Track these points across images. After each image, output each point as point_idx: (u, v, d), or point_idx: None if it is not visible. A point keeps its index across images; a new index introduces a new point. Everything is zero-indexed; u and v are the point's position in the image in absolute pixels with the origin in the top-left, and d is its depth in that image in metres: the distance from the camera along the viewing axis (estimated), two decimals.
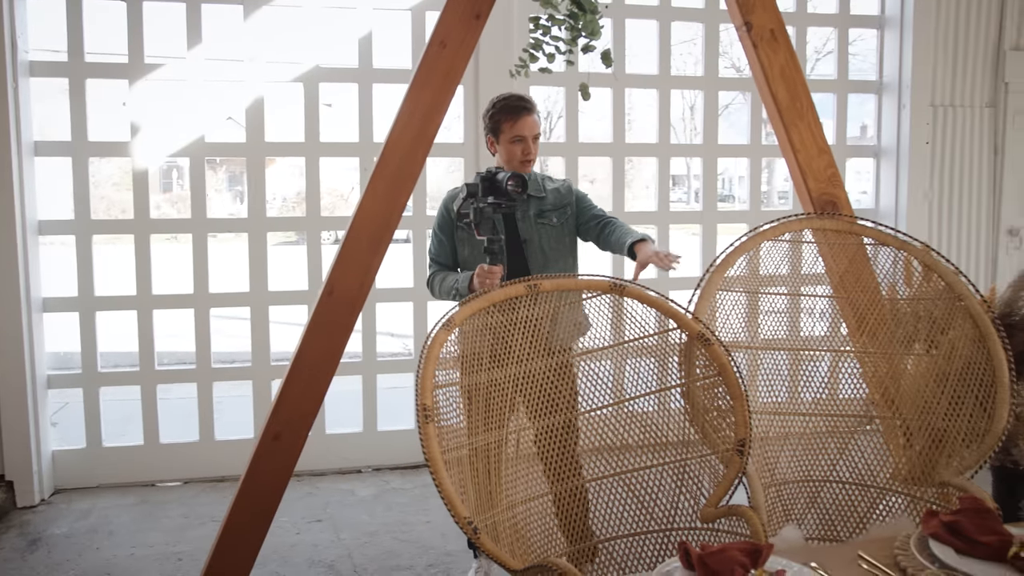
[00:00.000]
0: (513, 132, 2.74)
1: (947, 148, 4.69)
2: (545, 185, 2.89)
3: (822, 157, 2.66)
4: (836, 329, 2.49)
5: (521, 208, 2.80)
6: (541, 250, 2.81)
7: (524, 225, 2.81)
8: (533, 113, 2.78)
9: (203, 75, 3.97)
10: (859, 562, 1.50)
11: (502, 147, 2.78)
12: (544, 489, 2.06)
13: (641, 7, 4.41)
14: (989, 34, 4.70)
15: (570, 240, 2.89)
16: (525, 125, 2.75)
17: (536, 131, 2.78)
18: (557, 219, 2.84)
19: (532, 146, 2.76)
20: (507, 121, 2.74)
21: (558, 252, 2.83)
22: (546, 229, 2.82)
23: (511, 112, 2.74)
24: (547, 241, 2.82)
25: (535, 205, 2.83)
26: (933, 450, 2.20)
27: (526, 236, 2.81)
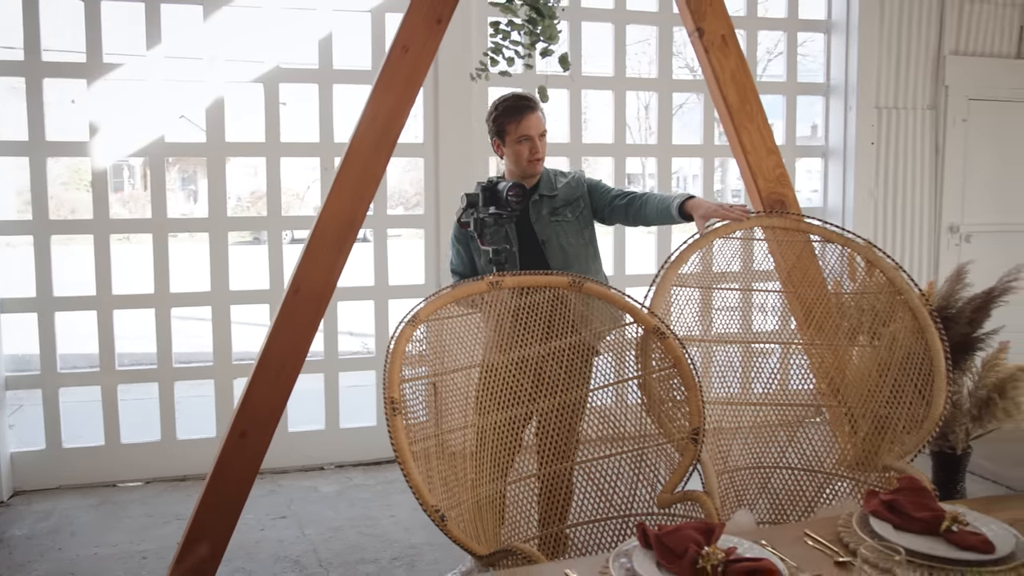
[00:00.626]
0: (519, 132, 2.69)
1: (891, 148, 4.86)
2: (557, 182, 2.82)
3: (771, 158, 2.77)
4: (785, 323, 2.60)
5: (535, 209, 2.76)
6: (560, 248, 2.76)
7: (539, 226, 2.76)
8: (537, 110, 2.72)
9: (163, 75, 3.97)
10: (805, 539, 1.60)
11: (508, 149, 2.72)
12: (531, 471, 2.14)
13: (597, 10, 4.50)
14: (930, 39, 4.88)
15: (589, 233, 2.83)
16: (530, 124, 2.69)
17: (542, 128, 2.72)
18: (571, 214, 2.78)
19: (540, 144, 2.71)
20: (511, 122, 2.69)
21: (578, 247, 2.78)
22: (562, 226, 2.77)
23: (514, 112, 2.69)
24: (565, 238, 2.77)
25: (548, 204, 2.77)
26: (876, 436, 2.32)
27: (543, 237, 2.76)
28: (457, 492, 1.98)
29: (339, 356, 4.34)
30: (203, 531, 2.60)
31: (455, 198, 4.23)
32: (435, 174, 4.29)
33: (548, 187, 2.79)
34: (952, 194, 4.98)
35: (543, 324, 2.23)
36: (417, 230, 4.50)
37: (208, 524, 2.60)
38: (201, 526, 2.60)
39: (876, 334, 2.44)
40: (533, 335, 2.21)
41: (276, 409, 2.59)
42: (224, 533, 2.62)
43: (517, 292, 2.22)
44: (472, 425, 2.09)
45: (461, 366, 2.11)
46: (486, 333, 2.19)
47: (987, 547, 1.47)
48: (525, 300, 2.23)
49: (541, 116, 2.74)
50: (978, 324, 2.90)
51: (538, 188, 2.78)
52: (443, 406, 2.05)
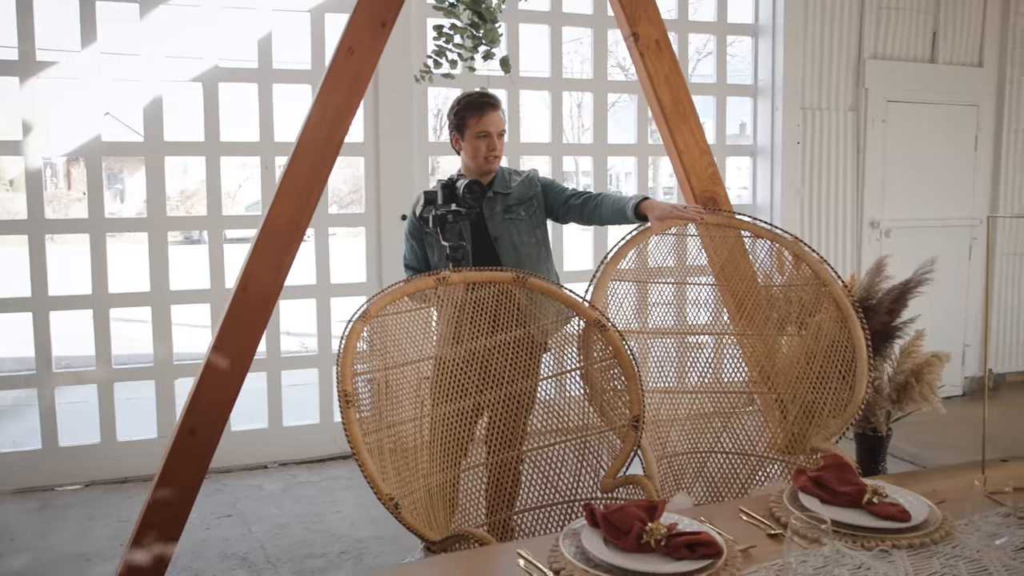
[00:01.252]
0: (479, 128, 2.73)
1: (816, 147, 5.07)
2: (511, 180, 2.87)
3: (703, 157, 2.90)
4: (718, 315, 2.73)
5: (488, 206, 2.80)
6: (512, 246, 2.81)
7: (492, 223, 2.80)
8: (499, 109, 2.77)
9: (99, 73, 3.93)
10: (740, 515, 1.71)
11: (467, 143, 2.76)
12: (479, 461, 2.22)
13: (533, 12, 4.59)
14: (850, 44, 5.11)
15: (541, 232, 2.88)
16: (491, 121, 2.74)
17: (501, 128, 2.78)
18: (525, 213, 2.83)
19: (498, 142, 2.76)
20: (473, 117, 2.73)
21: (530, 246, 2.83)
22: (515, 224, 2.81)
23: (476, 108, 2.73)
24: (517, 236, 2.81)
25: (502, 201, 2.82)
26: (804, 420, 2.46)
27: (496, 234, 2.80)
28: (409, 481, 2.05)
29: (282, 355, 4.35)
30: (152, 530, 2.62)
31: (395, 197, 4.32)
32: (375, 173, 4.33)
33: (503, 185, 2.84)
34: (873, 191, 5.21)
35: (489, 319, 2.31)
36: (351, 229, 4.54)
37: (157, 523, 2.61)
38: (150, 525, 2.61)
39: (803, 324, 2.58)
40: (480, 329, 2.29)
41: (226, 406, 2.62)
42: (174, 532, 2.64)
43: (464, 287, 2.30)
44: (424, 417, 2.15)
45: (410, 360, 2.17)
46: (435, 328, 2.26)
47: (904, 516, 1.60)
48: (472, 295, 2.31)
49: (502, 116, 2.79)
50: (896, 313, 3.08)
51: (493, 185, 2.82)
52: (394, 399, 2.11)
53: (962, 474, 1.93)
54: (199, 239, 17.13)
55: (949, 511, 1.65)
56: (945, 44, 5.34)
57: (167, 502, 2.62)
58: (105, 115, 8.10)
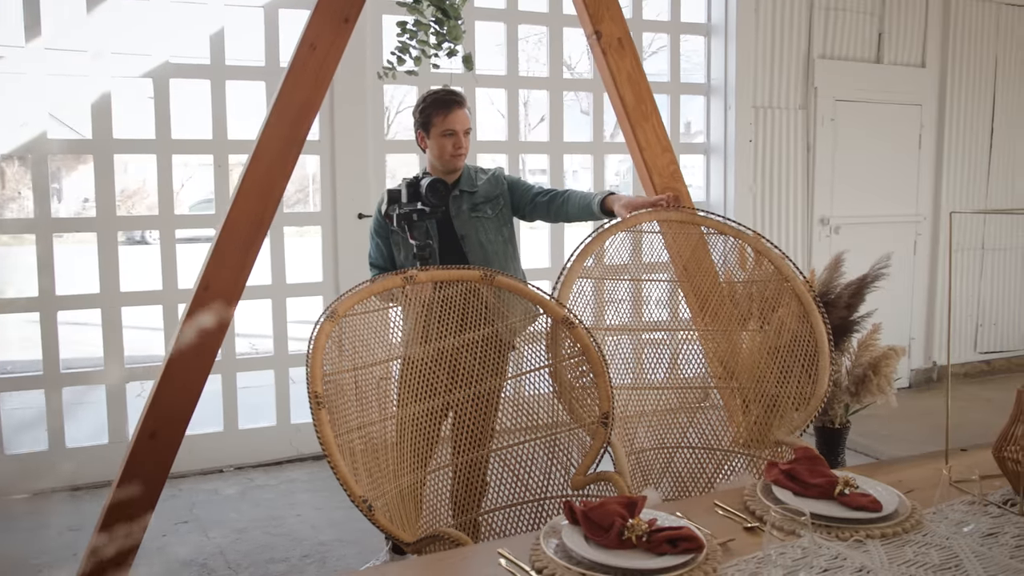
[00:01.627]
0: (444, 126, 2.71)
1: (767, 146, 5.16)
2: (478, 179, 2.86)
3: (665, 155, 2.93)
4: (682, 311, 2.76)
5: (455, 204, 2.78)
6: (479, 244, 2.80)
7: (459, 222, 2.78)
8: (464, 107, 2.76)
9: (44, 69, 3.81)
10: (715, 509, 1.72)
11: (432, 141, 2.75)
12: (445, 462, 2.20)
13: (490, 10, 4.59)
14: (800, 44, 5.20)
15: (508, 231, 2.88)
16: (456, 119, 2.72)
17: (467, 125, 2.76)
18: (491, 211, 2.82)
19: (463, 140, 2.75)
20: (438, 115, 2.71)
21: (496, 244, 2.82)
22: (481, 223, 2.80)
23: (442, 105, 2.71)
24: (484, 235, 2.80)
25: (468, 200, 2.80)
26: (767, 414, 2.50)
27: (463, 232, 2.79)
28: (381, 483, 2.03)
29: (236, 356, 4.27)
30: (112, 536, 2.55)
31: (351, 195, 4.28)
32: (331, 171, 4.28)
33: (469, 183, 2.82)
34: (822, 188, 5.32)
35: (457, 318, 2.30)
36: (298, 228, 4.48)
37: (117, 528, 2.55)
38: (110, 530, 2.55)
39: (765, 319, 2.61)
40: (448, 328, 2.27)
41: (187, 409, 2.57)
42: (134, 537, 2.58)
43: (432, 286, 2.28)
44: (392, 417, 2.13)
45: (379, 360, 2.15)
46: (403, 327, 2.23)
47: (875, 506, 1.64)
48: (440, 294, 2.29)
49: (468, 114, 2.78)
50: (854, 308, 3.14)
51: (459, 184, 2.80)
52: (363, 399, 2.09)
53: (925, 464, 1.98)
54: (142, 239, 16.75)
55: (917, 500, 1.69)
56: (890, 45, 5.47)
57: (127, 507, 2.56)
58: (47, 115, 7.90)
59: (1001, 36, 5.83)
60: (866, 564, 1.46)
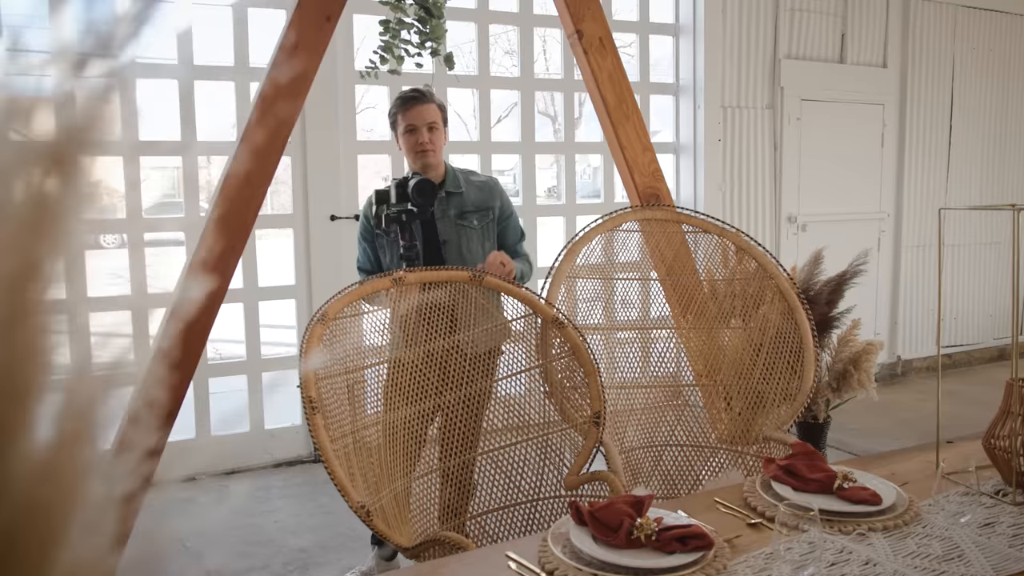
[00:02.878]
0: (405, 122, 2.68)
1: (736, 145, 5.21)
2: (465, 180, 2.81)
3: (646, 154, 2.94)
4: (666, 309, 2.77)
5: (440, 207, 2.73)
6: (459, 254, 2.74)
7: (443, 225, 2.73)
8: (426, 102, 2.70)
9: (5, 69, 3.71)
10: (717, 506, 1.73)
11: (402, 141, 2.73)
12: (433, 466, 2.18)
13: (461, 10, 4.57)
14: (766, 44, 5.26)
15: (491, 246, 2.81)
16: (417, 114, 2.67)
17: (430, 119, 2.70)
18: (478, 222, 2.77)
19: (428, 135, 2.69)
20: (401, 113, 2.69)
21: (478, 256, 2.75)
22: (466, 231, 2.75)
23: (403, 104, 2.69)
24: (466, 244, 2.75)
25: (456, 204, 2.75)
26: (753, 411, 2.52)
27: (445, 237, 2.73)
28: (377, 488, 2.01)
29: (208, 361, 4.20)
30: None
31: (323, 196, 4.23)
32: (303, 172, 4.23)
33: (454, 184, 2.77)
34: (789, 187, 5.39)
35: (446, 319, 2.28)
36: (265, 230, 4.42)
37: None
38: None
39: (748, 316, 2.64)
40: (437, 330, 2.26)
41: (169, 417, 2.51)
42: None
43: (419, 288, 2.26)
44: (383, 421, 2.11)
45: (370, 363, 2.13)
46: (390, 329, 2.21)
47: (876, 499, 1.66)
48: (428, 296, 2.27)
49: (433, 108, 2.72)
50: (835, 304, 3.19)
51: (444, 185, 2.76)
52: (356, 403, 2.07)
53: (917, 456, 2.01)
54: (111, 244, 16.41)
55: (912, 492, 1.72)
56: (853, 45, 5.56)
57: None
58: None
59: (958, 37, 5.96)
60: (872, 557, 1.48)
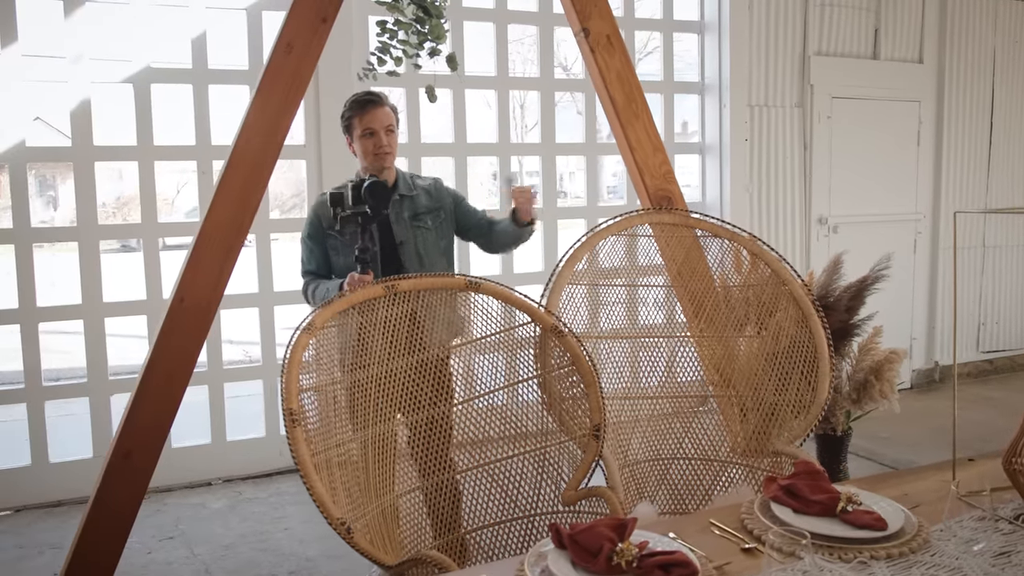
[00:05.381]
0: (362, 126, 2.66)
1: (763, 144, 5.07)
2: (414, 183, 2.82)
3: (657, 155, 2.84)
4: (675, 316, 2.67)
5: (395, 210, 2.72)
6: (416, 253, 2.74)
7: (399, 227, 2.73)
8: (382, 105, 2.69)
9: (21, 75, 3.72)
10: (711, 528, 1.63)
11: (357, 144, 2.71)
12: (414, 484, 2.10)
13: (478, 10, 4.50)
14: (795, 41, 5.11)
15: (446, 244, 2.84)
16: (374, 118, 2.65)
17: (387, 123, 2.69)
18: (432, 222, 2.78)
19: (385, 139, 2.67)
20: (356, 116, 2.67)
21: (434, 256, 2.78)
22: (421, 232, 2.76)
23: (359, 107, 2.66)
24: (422, 244, 2.76)
25: (409, 207, 2.76)
26: (766, 423, 2.40)
27: (401, 238, 2.73)
28: (361, 502, 1.94)
29: (224, 366, 4.18)
30: (87, 559, 2.46)
31: None
32: (318, 176, 4.19)
33: (406, 187, 2.78)
34: (820, 188, 5.23)
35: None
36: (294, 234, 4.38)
37: (92, 551, 2.46)
38: (84, 553, 2.46)
39: (762, 324, 2.52)
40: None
41: (162, 426, 2.47)
42: (110, 560, 2.48)
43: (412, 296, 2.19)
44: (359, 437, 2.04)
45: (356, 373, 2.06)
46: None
47: (880, 524, 1.55)
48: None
49: (388, 112, 2.70)
50: (854, 311, 3.05)
51: (396, 188, 2.74)
52: (342, 415, 2.00)
53: (932, 475, 1.89)
54: (137, 246, 16.65)
55: (923, 516, 1.61)
56: (887, 41, 5.39)
57: (102, 529, 2.46)
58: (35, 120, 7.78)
59: (999, 30, 5.75)
60: None
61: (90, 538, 2.45)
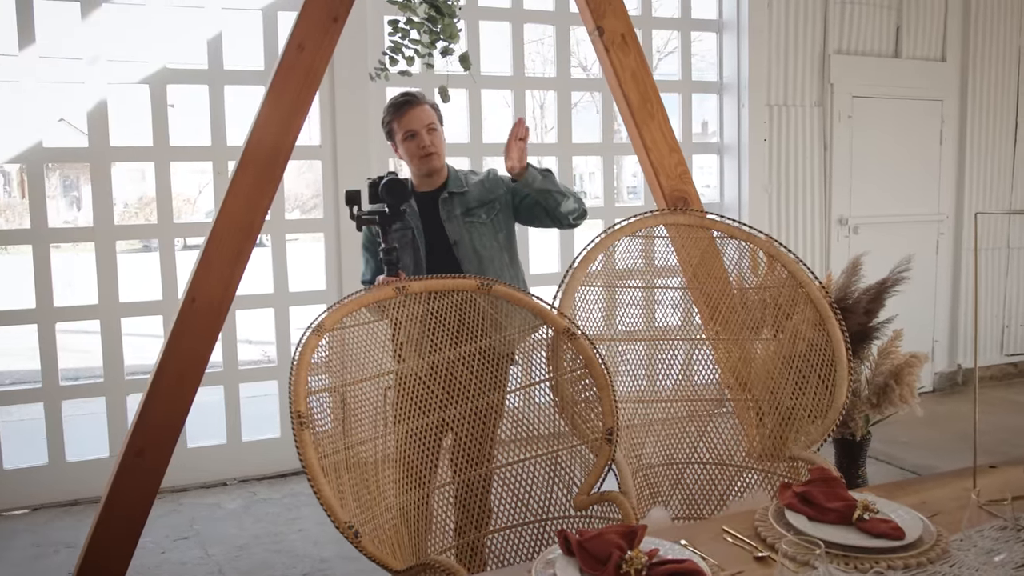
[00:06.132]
0: (403, 129, 2.57)
1: (782, 144, 5.01)
2: (467, 179, 2.70)
3: (672, 156, 2.80)
4: (691, 319, 2.63)
5: (445, 208, 2.62)
6: (473, 251, 2.63)
7: (451, 226, 2.62)
8: (420, 104, 2.59)
9: (38, 77, 3.74)
10: (724, 536, 1.60)
11: (401, 148, 2.62)
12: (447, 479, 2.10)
13: (494, 9, 4.48)
14: (815, 39, 5.05)
15: (505, 237, 2.71)
16: (413, 118, 2.57)
17: (427, 121, 2.59)
18: (486, 215, 2.65)
19: (428, 138, 2.57)
20: (396, 120, 2.58)
21: (492, 251, 2.66)
22: (475, 228, 2.64)
23: (395, 110, 2.59)
24: (478, 240, 2.64)
25: (460, 203, 2.64)
26: (783, 427, 2.36)
27: (455, 238, 2.62)
28: (370, 505, 1.92)
29: (239, 367, 4.18)
30: (99, 558, 2.46)
31: None
32: (333, 177, 4.19)
33: (457, 184, 2.66)
34: (840, 188, 5.17)
35: (453, 330, 2.18)
36: (316, 234, 4.39)
37: (104, 550, 2.46)
38: (96, 553, 2.46)
39: (779, 327, 2.48)
40: (443, 341, 2.16)
41: (174, 425, 2.47)
42: (121, 560, 2.48)
43: (426, 297, 2.17)
44: (386, 435, 2.02)
45: (370, 375, 2.04)
46: (394, 340, 2.12)
47: (898, 533, 1.51)
48: (434, 305, 2.18)
49: (428, 110, 2.61)
50: (874, 314, 3.00)
51: (447, 186, 2.65)
52: (353, 417, 1.98)
53: (952, 482, 1.85)
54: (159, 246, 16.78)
55: (942, 525, 1.57)
56: (908, 39, 5.31)
57: (114, 529, 2.46)
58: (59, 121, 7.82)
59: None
60: None
61: (102, 537, 2.45)
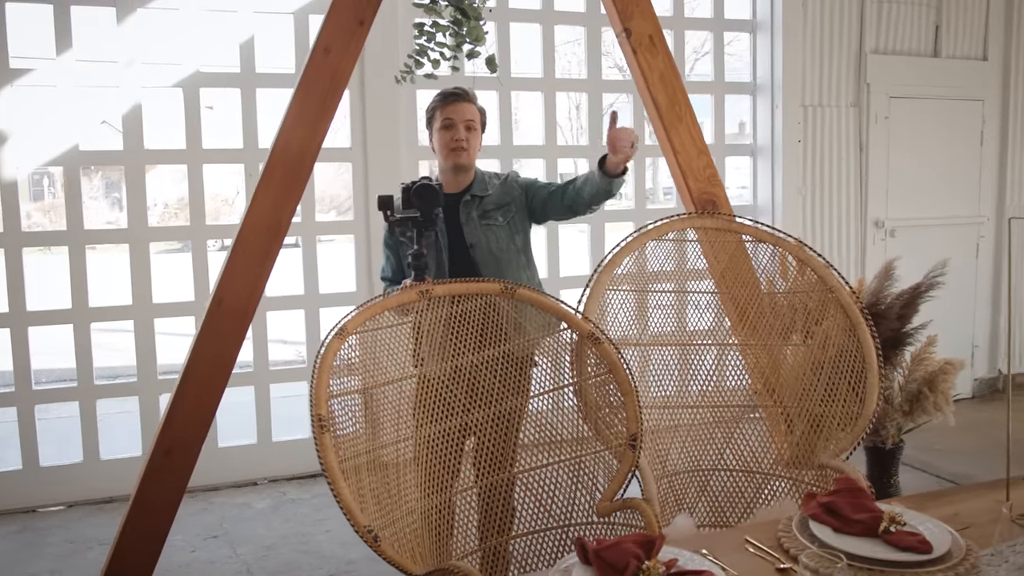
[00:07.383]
0: (443, 116, 2.57)
1: (817, 146, 4.93)
2: (491, 183, 2.70)
3: (701, 158, 2.77)
4: (719, 323, 2.59)
5: (465, 210, 2.62)
6: (490, 253, 2.62)
7: (469, 229, 2.61)
8: (468, 101, 2.61)
9: (75, 80, 3.80)
10: (746, 546, 1.57)
11: (436, 137, 2.61)
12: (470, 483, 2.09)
13: (524, 11, 4.47)
14: (851, 38, 4.97)
15: (522, 239, 2.71)
16: (456, 110, 2.57)
17: (468, 117, 2.58)
18: (503, 218, 2.65)
19: (464, 133, 2.57)
20: (440, 108, 2.59)
21: (509, 253, 2.65)
22: (492, 230, 2.63)
23: (442, 99, 2.59)
24: (495, 243, 2.63)
25: (479, 206, 2.64)
26: (812, 434, 2.32)
27: (472, 240, 2.62)
28: (391, 509, 1.92)
29: (270, 367, 4.22)
30: (128, 557, 2.49)
31: None
32: (364, 179, 4.20)
33: (482, 188, 2.66)
34: (876, 190, 5.08)
35: (475, 333, 2.17)
36: (347, 236, 4.41)
37: (132, 549, 2.49)
38: (125, 551, 2.49)
39: (809, 333, 2.44)
40: (466, 345, 2.15)
41: (202, 425, 2.49)
42: (150, 558, 2.51)
43: (449, 300, 2.16)
44: (408, 438, 2.02)
45: (392, 378, 2.04)
46: (417, 343, 2.12)
47: (925, 547, 1.47)
48: (457, 308, 2.17)
49: (474, 108, 2.61)
50: (907, 319, 2.94)
51: (471, 188, 2.65)
52: (375, 421, 1.98)
53: (986, 494, 1.80)
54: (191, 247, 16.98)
55: (973, 539, 1.52)
56: (948, 38, 5.21)
57: (142, 528, 2.49)
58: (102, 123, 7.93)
59: None
60: None
61: (131, 535, 2.48)
